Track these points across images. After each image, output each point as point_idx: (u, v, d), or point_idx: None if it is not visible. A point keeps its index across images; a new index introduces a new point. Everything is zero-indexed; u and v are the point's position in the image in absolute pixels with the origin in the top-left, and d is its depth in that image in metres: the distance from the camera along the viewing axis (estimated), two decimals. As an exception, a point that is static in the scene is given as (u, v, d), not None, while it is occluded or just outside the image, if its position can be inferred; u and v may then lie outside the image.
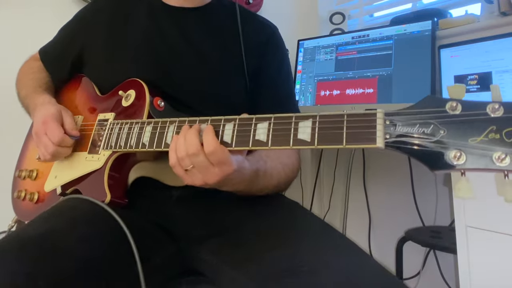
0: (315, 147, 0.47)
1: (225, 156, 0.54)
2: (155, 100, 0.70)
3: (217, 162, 0.54)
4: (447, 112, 0.41)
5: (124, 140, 0.67)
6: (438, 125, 0.41)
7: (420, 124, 0.42)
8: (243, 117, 0.55)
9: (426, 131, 0.42)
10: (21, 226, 0.61)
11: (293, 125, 0.50)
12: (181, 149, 0.56)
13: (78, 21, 0.88)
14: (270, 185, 0.70)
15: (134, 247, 0.57)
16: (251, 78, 0.80)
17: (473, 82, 1.22)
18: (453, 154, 0.40)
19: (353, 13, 1.85)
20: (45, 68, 0.89)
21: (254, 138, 0.52)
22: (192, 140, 0.55)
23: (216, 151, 0.53)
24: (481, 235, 0.87)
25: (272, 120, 0.52)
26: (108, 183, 0.67)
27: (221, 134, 0.55)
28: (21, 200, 0.81)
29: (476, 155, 0.39)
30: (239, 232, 0.66)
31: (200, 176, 0.56)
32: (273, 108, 0.79)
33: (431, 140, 0.41)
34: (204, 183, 0.56)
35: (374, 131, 0.44)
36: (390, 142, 0.43)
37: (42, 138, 0.70)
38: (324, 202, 1.85)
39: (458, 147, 0.40)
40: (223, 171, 0.55)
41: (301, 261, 0.52)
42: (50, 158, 0.71)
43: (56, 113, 0.73)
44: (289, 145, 0.49)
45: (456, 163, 0.40)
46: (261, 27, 0.85)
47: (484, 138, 0.39)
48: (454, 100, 0.41)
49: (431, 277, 1.44)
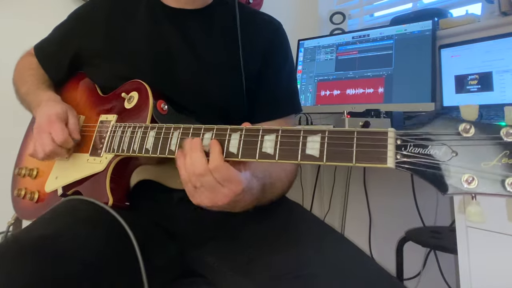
0: (323, 163, 0.47)
1: (230, 173, 0.52)
2: (159, 104, 0.69)
3: (223, 180, 0.52)
4: (460, 135, 0.40)
5: (127, 144, 0.66)
6: (450, 147, 0.41)
7: (432, 145, 0.41)
8: (250, 128, 0.53)
9: (438, 153, 0.41)
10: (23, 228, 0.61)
11: (301, 139, 0.49)
12: (189, 168, 0.54)
13: (74, 21, 0.86)
14: (275, 195, 0.69)
15: (137, 248, 0.56)
16: (253, 78, 0.79)
17: (474, 82, 1.21)
18: (465, 178, 0.39)
19: (353, 13, 1.85)
20: (41, 66, 0.88)
21: (261, 150, 0.51)
22: (199, 160, 0.53)
23: (220, 167, 0.52)
24: (481, 235, 0.87)
25: (280, 133, 0.51)
26: (110, 186, 0.66)
27: (226, 144, 0.54)
28: (21, 198, 0.80)
29: (488, 180, 0.38)
30: (240, 235, 0.65)
31: (209, 195, 0.54)
32: (273, 108, 0.79)
33: (442, 162, 0.41)
34: (214, 204, 0.54)
35: (385, 151, 0.43)
36: (400, 163, 0.43)
37: (43, 135, 0.69)
38: (324, 203, 1.85)
39: (470, 171, 0.39)
40: (232, 191, 0.53)
41: (302, 264, 0.52)
42: (44, 157, 0.70)
43: (62, 112, 0.72)
44: (297, 160, 0.48)
45: (467, 187, 0.39)
46: (264, 25, 0.84)
47: (497, 162, 0.38)
48: (468, 123, 0.40)
49: (431, 277, 1.44)
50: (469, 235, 0.89)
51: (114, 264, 0.57)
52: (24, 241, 0.53)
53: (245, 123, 0.56)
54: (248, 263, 0.58)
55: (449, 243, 1.05)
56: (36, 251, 0.51)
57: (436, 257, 1.42)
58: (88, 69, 0.83)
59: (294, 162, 0.49)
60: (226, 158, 0.53)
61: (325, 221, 0.66)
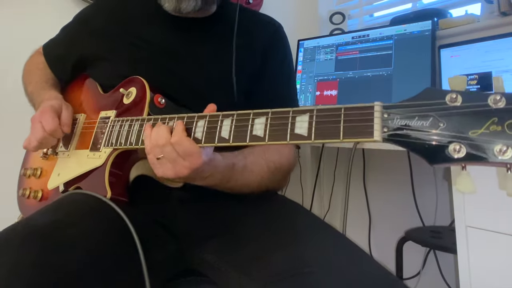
0: (312, 141, 0.47)
1: (191, 147, 0.55)
2: (156, 97, 0.70)
3: (184, 153, 0.56)
4: (447, 104, 0.40)
5: (125, 137, 0.67)
6: (437, 118, 0.40)
7: (419, 116, 0.41)
8: (241, 113, 0.54)
9: (425, 124, 0.40)
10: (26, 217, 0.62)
11: (290, 120, 0.49)
12: (152, 138, 0.58)
13: (79, 22, 0.88)
14: (252, 181, 0.70)
15: (138, 242, 0.57)
16: (251, 79, 0.79)
17: (473, 82, 1.22)
18: (453, 147, 0.38)
19: (353, 13, 1.85)
20: (49, 66, 0.90)
21: (252, 133, 0.52)
22: (163, 132, 0.57)
23: (181, 141, 0.55)
24: (481, 235, 0.87)
25: (270, 115, 0.51)
26: (109, 180, 0.67)
27: (218, 130, 0.55)
28: (25, 198, 0.82)
29: (477, 148, 0.37)
30: (240, 233, 0.66)
31: (171, 166, 0.57)
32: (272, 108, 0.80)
33: (430, 133, 0.40)
34: (176, 175, 0.58)
35: (372, 124, 0.43)
36: (388, 136, 0.42)
37: (35, 124, 0.71)
38: (324, 202, 1.85)
39: (458, 140, 0.38)
40: (192, 163, 0.56)
41: (302, 262, 0.53)
42: (36, 145, 0.72)
43: (56, 105, 0.74)
44: (286, 140, 0.49)
45: (456, 157, 0.38)
46: (264, 26, 0.85)
47: (485, 130, 0.37)
48: (454, 92, 0.40)
49: (431, 277, 1.44)
50: (469, 234, 0.89)
51: (114, 257, 0.57)
52: (29, 228, 0.54)
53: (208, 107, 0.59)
54: (248, 261, 0.58)
55: (449, 242, 1.06)
56: (42, 237, 0.52)
57: (435, 257, 1.42)
58: (91, 69, 0.85)
59: (284, 143, 0.49)
60: (218, 144, 0.55)
61: (325, 220, 0.67)
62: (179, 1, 0.73)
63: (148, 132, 0.60)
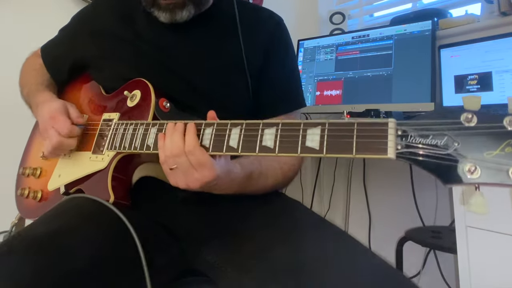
0: (323, 155, 0.46)
1: (204, 158, 0.54)
2: (161, 101, 0.69)
3: (196, 164, 0.54)
4: (462, 124, 0.39)
5: (129, 141, 0.66)
6: (452, 137, 0.39)
7: (433, 135, 0.40)
8: (250, 122, 0.53)
9: (440, 143, 0.40)
10: (26, 226, 0.61)
11: (301, 132, 0.48)
12: (167, 149, 0.57)
13: (78, 23, 0.87)
14: (267, 185, 0.70)
15: (140, 247, 0.57)
16: (254, 75, 0.79)
17: (473, 82, 1.22)
18: (468, 168, 0.38)
19: (353, 13, 1.85)
20: (46, 68, 0.90)
21: (261, 144, 0.51)
22: (177, 141, 0.56)
23: (194, 150, 0.54)
24: (481, 235, 0.87)
25: (280, 126, 0.50)
26: (112, 184, 0.66)
27: (227, 138, 0.54)
28: (24, 197, 0.81)
29: (492, 170, 0.37)
30: (241, 232, 0.66)
31: (183, 177, 0.56)
32: (277, 104, 0.79)
33: (444, 152, 0.39)
34: (187, 186, 0.56)
35: (385, 141, 0.42)
36: (401, 153, 0.42)
37: (49, 132, 0.70)
38: (324, 202, 1.85)
39: (473, 161, 0.38)
40: (203, 176, 0.54)
41: (303, 260, 0.53)
42: (52, 151, 0.71)
43: (61, 106, 0.73)
44: (297, 152, 0.48)
45: (470, 177, 0.38)
46: (265, 21, 0.84)
47: (500, 152, 0.37)
48: (470, 112, 0.39)
49: (431, 277, 1.44)
50: (469, 234, 0.89)
51: (116, 262, 0.57)
52: (30, 237, 0.54)
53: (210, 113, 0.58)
54: (248, 260, 0.58)
55: (449, 242, 1.06)
56: (42, 246, 0.52)
57: (435, 257, 1.42)
58: (92, 70, 0.84)
59: (294, 155, 0.48)
60: (226, 153, 0.54)
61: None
62: (172, 14, 0.73)
63: (162, 142, 0.58)
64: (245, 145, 0.52)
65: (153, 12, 0.75)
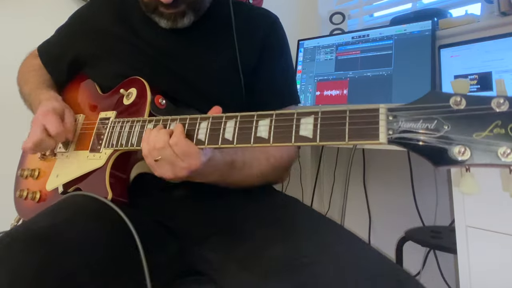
0: (317, 143, 0.47)
1: (190, 148, 0.56)
2: (157, 98, 0.70)
3: (182, 154, 0.56)
4: (451, 107, 0.40)
5: (126, 138, 0.67)
6: (442, 120, 0.40)
7: (423, 119, 0.41)
8: (245, 114, 0.54)
9: (430, 127, 0.41)
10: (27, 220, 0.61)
11: (295, 122, 0.49)
12: (151, 142, 0.58)
13: (74, 22, 0.88)
14: (252, 176, 0.70)
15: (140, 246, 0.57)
16: (248, 73, 0.79)
17: (473, 82, 1.22)
18: (458, 150, 0.39)
19: (353, 13, 1.85)
20: (45, 68, 0.89)
21: (256, 135, 0.52)
22: (162, 136, 0.58)
23: (179, 142, 0.56)
24: (481, 235, 0.87)
25: (274, 117, 0.51)
26: (110, 181, 0.67)
27: (222, 132, 0.55)
28: (23, 199, 0.81)
29: (481, 151, 0.38)
30: (240, 229, 0.66)
31: (170, 168, 0.58)
32: (271, 100, 0.80)
33: (435, 135, 0.40)
34: (175, 176, 0.58)
35: (377, 127, 0.43)
36: (393, 138, 0.43)
37: (35, 127, 0.69)
38: (324, 202, 1.85)
39: (463, 142, 0.39)
40: (190, 164, 0.56)
41: (302, 254, 0.53)
42: (31, 147, 0.69)
43: (59, 107, 0.73)
44: (291, 141, 0.49)
45: (461, 159, 0.39)
46: (260, 19, 0.84)
47: (489, 133, 0.38)
48: (458, 95, 0.40)
49: (431, 277, 1.44)
50: (469, 234, 0.89)
51: (116, 260, 0.57)
52: (31, 232, 0.54)
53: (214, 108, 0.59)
54: (248, 257, 0.58)
55: (449, 243, 1.06)
56: (45, 240, 0.52)
57: (435, 257, 1.42)
58: (89, 69, 0.84)
59: (289, 145, 0.49)
60: (221, 145, 0.55)
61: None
62: (174, 22, 0.74)
63: (146, 135, 0.60)
64: (240, 137, 0.53)
65: (153, 18, 0.75)
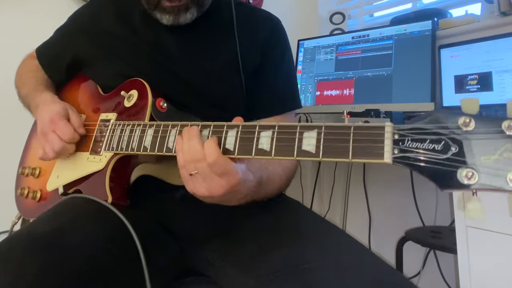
0: (319, 159, 0.45)
1: (229, 166, 0.52)
2: (158, 101, 0.69)
3: (221, 173, 0.52)
4: (460, 128, 0.38)
5: (126, 142, 0.66)
6: (449, 142, 0.39)
7: (430, 140, 0.40)
8: (246, 124, 0.53)
9: (437, 148, 0.39)
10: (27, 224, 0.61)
11: (298, 135, 0.48)
12: (186, 152, 0.54)
13: (74, 23, 0.87)
14: (273, 190, 0.69)
15: (139, 247, 0.57)
16: (250, 75, 0.79)
17: (473, 82, 1.22)
18: (465, 173, 0.37)
19: (353, 13, 1.85)
20: (43, 69, 0.89)
21: (257, 147, 0.50)
22: (196, 145, 0.53)
23: (217, 161, 0.51)
24: (481, 235, 0.87)
25: (276, 129, 0.50)
26: (110, 185, 0.66)
27: (223, 141, 0.53)
28: (24, 197, 0.81)
29: (490, 175, 0.36)
30: (241, 231, 0.66)
31: (205, 184, 0.53)
32: (272, 105, 0.79)
33: (441, 157, 0.39)
34: (209, 194, 0.53)
35: (382, 146, 0.42)
36: (398, 158, 0.41)
37: (49, 135, 0.69)
38: (324, 202, 1.85)
39: (470, 165, 0.37)
40: (229, 182, 0.52)
41: (302, 258, 0.53)
42: (54, 156, 0.70)
43: (62, 110, 0.72)
44: (293, 156, 0.47)
45: (468, 183, 0.37)
46: (262, 22, 0.84)
47: (498, 156, 0.36)
48: (468, 116, 0.38)
49: (431, 277, 1.44)
50: (469, 234, 0.89)
51: (116, 263, 0.57)
52: (32, 237, 0.54)
53: (236, 118, 0.55)
54: (249, 259, 0.58)
55: (449, 243, 1.06)
56: (43, 246, 0.52)
57: (435, 257, 1.42)
58: (88, 69, 0.84)
59: (290, 158, 0.48)
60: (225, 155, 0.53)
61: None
62: (177, 17, 0.73)
63: (180, 146, 0.55)
64: (241, 148, 0.52)
65: (155, 14, 0.74)
